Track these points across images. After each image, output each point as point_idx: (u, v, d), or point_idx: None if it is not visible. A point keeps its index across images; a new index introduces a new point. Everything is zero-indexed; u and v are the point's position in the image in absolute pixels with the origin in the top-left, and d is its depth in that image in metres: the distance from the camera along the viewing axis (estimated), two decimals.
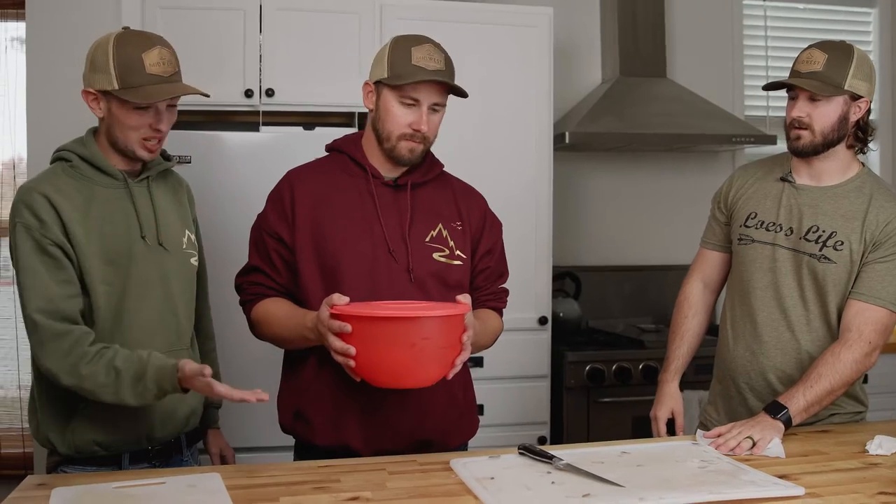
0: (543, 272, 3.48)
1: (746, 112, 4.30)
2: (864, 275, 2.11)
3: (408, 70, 1.93)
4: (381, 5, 3.30)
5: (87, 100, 1.91)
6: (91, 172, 1.92)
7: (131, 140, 1.91)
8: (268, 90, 3.18)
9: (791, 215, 2.19)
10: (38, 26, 3.49)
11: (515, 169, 3.42)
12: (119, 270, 1.90)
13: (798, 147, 2.15)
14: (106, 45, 1.86)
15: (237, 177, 3.06)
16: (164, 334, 1.98)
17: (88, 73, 1.90)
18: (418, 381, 1.81)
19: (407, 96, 1.95)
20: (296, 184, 2.06)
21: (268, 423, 3.08)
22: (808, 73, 2.09)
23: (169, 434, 2.01)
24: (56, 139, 2.07)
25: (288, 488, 1.67)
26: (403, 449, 1.97)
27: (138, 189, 1.97)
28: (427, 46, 1.97)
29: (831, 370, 2.04)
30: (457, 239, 2.07)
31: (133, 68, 1.84)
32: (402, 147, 1.99)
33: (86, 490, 1.65)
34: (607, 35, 4.08)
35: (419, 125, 1.97)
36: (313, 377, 2.00)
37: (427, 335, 1.75)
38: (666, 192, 4.23)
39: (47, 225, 1.82)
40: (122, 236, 1.91)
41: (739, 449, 1.91)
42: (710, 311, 2.43)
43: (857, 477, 1.76)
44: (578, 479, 1.70)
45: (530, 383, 3.42)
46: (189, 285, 2.07)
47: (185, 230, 2.06)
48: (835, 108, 2.10)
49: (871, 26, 4.54)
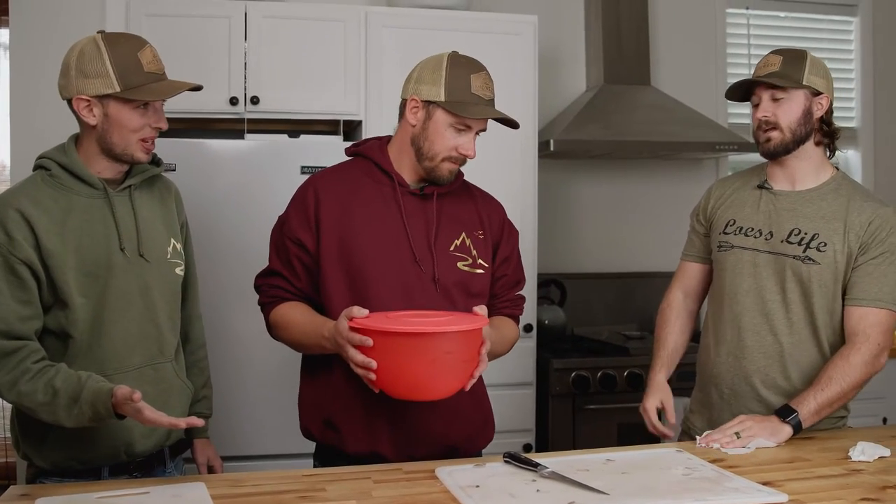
0: (529, 279, 3.46)
1: (730, 119, 4.33)
2: (858, 279, 2.14)
3: (468, 98, 1.96)
4: (366, 13, 3.30)
5: (78, 108, 1.85)
6: (70, 182, 1.88)
7: (131, 143, 1.87)
8: (253, 98, 3.18)
9: (770, 220, 2.22)
10: (22, 32, 3.47)
11: (500, 176, 3.42)
12: (97, 282, 1.87)
13: (770, 149, 2.20)
14: (94, 49, 1.82)
15: (222, 184, 3.05)
16: (145, 347, 1.94)
17: (77, 80, 1.83)
18: (437, 393, 1.83)
19: (462, 123, 1.98)
20: (321, 190, 2.04)
21: (256, 431, 3.07)
22: (767, 74, 2.17)
23: (150, 448, 1.98)
24: (40, 145, 2.05)
25: (274, 497, 1.66)
26: (432, 455, 1.98)
27: (119, 199, 1.92)
28: (484, 75, 2.01)
29: (841, 374, 2.07)
30: (479, 248, 2.09)
31: (132, 68, 1.82)
32: (444, 168, 2.02)
33: (68, 500, 1.65)
34: (592, 43, 4.09)
35: (468, 151, 2.01)
36: (343, 385, 1.98)
37: (448, 349, 1.77)
38: (650, 200, 4.24)
39: (17, 243, 1.79)
40: (101, 248, 1.88)
41: (720, 441, 2.02)
42: (693, 317, 2.44)
43: (841, 483, 1.77)
44: (563, 487, 1.70)
45: (516, 391, 3.42)
46: (173, 297, 2.03)
47: (171, 239, 2.02)
48: (797, 102, 2.16)
49: (853, 34, 4.57)
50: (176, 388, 2.02)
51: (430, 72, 1.99)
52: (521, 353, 3.43)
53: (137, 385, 1.88)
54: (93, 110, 1.85)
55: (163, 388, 1.97)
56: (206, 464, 2.24)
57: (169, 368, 2.00)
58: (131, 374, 1.90)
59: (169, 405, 1.93)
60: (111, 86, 1.81)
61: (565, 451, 2.11)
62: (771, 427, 2.03)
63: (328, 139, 3.31)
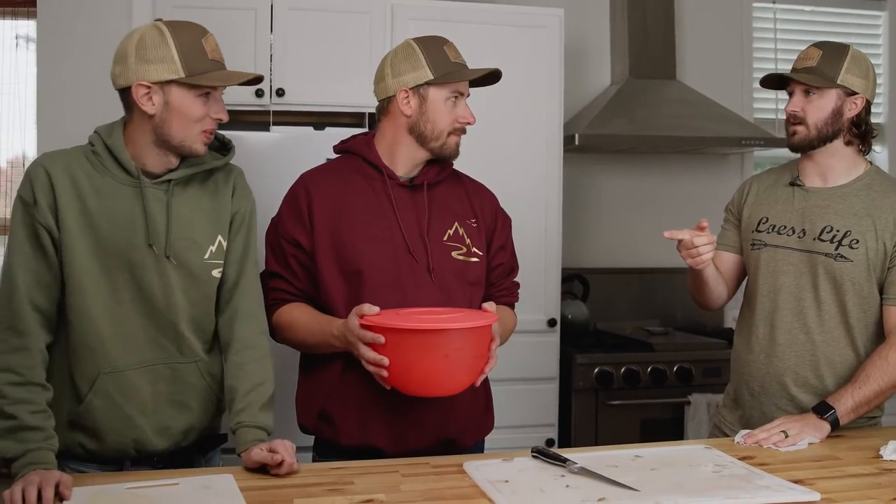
0: (552, 274, 3.47)
1: (756, 115, 4.29)
2: (895, 279, 2.12)
3: (452, 67, 2.03)
4: (392, 6, 3.29)
5: (136, 95, 1.77)
6: (109, 162, 1.81)
7: (192, 133, 1.81)
8: (278, 90, 3.18)
9: (803, 218, 2.20)
10: (49, 24, 3.48)
11: (525, 170, 3.41)
12: (110, 273, 1.80)
13: (794, 142, 2.19)
14: (158, 35, 1.76)
15: (247, 176, 3.03)
16: (160, 346, 1.86)
17: (137, 66, 1.76)
18: (448, 389, 1.85)
19: (455, 91, 2.04)
20: (312, 188, 2.06)
21: (281, 424, 3.07)
22: (803, 68, 2.15)
23: (166, 447, 1.91)
24: (66, 137, 2.04)
25: (302, 490, 1.67)
26: (428, 448, 1.99)
27: (153, 192, 1.83)
28: (451, 44, 2.07)
29: (879, 372, 2.06)
30: (472, 236, 2.10)
31: (197, 54, 1.78)
32: (452, 141, 2.07)
33: (97, 490, 1.65)
34: (617, 37, 4.07)
35: (468, 117, 2.07)
36: (339, 379, 2.00)
37: (460, 346, 1.79)
38: (675, 195, 4.21)
39: (40, 207, 1.76)
40: (121, 239, 1.80)
41: (768, 441, 1.98)
42: (726, 290, 2.35)
43: (872, 482, 1.75)
44: (593, 483, 1.69)
45: (539, 385, 3.41)
46: (204, 299, 1.91)
47: (218, 235, 1.91)
48: (828, 101, 2.14)
49: (881, 28, 4.53)
50: (198, 389, 1.93)
51: (405, 61, 2.04)
52: (545, 348, 3.43)
53: (152, 382, 1.87)
54: (152, 98, 1.77)
55: (179, 388, 1.90)
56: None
57: (192, 369, 1.91)
58: (141, 372, 1.85)
59: (186, 405, 1.92)
60: (176, 71, 1.76)
61: (592, 447, 2.11)
62: (812, 423, 2.02)
63: (353, 131, 3.30)
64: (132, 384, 1.85)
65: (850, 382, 2.07)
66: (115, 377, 1.83)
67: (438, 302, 1.99)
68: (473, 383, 1.88)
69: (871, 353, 2.12)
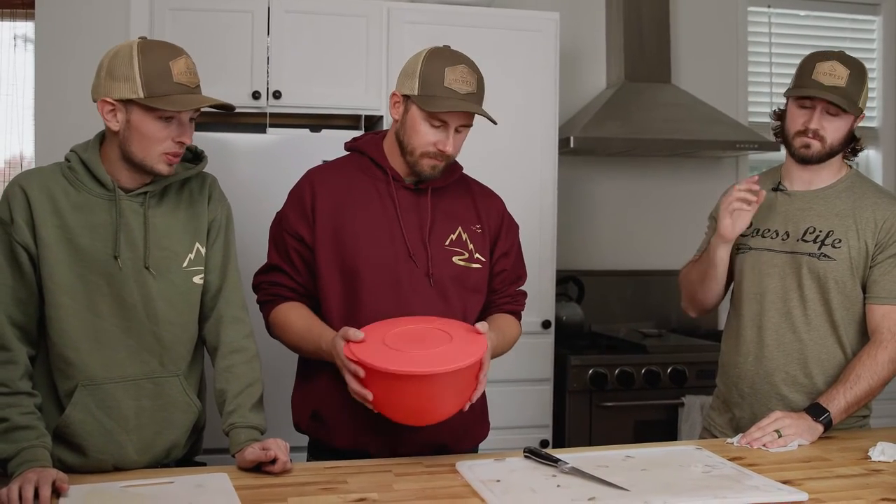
0: (547, 276, 3.48)
1: (750, 118, 4.31)
2: (878, 277, 2.15)
3: (439, 92, 1.91)
4: (388, 9, 3.31)
5: (102, 111, 1.78)
6: (85, 178, 1.82)
7: (152, 154, 1.79)
8: (275, 92, 3.19)
9: (786, 220, 2.24)
10: (47, 25, 3.50)
11: (520, 173, 3.43)
12: (88, 287, 1.80)
13: (807, 155, 2.19)
14: (128, 53, 1.76)
15: (244, 178, 3.07)
16: (142, 360, 1.85)
17: (105, 82, 1.77)
18: (435, 419, 1.83)
19: (436, 118, 1.94)
20: (317, 184, 2.05)
21: (277, 424, 3.07)
22: (832, 86, 2.11)
23: (149, 464, 1.88)
24: (64, 138, 2.05)
25: (295, 489, 1.68)
26: (419, 453, 1.97)
27: (130, 205, 1.84)
28: (461, 68, 1.94)
29: (869, 371, 2.09)
30: (476, 242, 2.08)
31: (160, 76, 1.75)
32: (425, 163, 1.98)
33: (92, 489, 1.67)
34: (613, 40, 4.09)
35: (445, 146, 1.96)
36: (332, 384, 1.97)
37: (447, 384, 1.76)
38: (670, 198, 4.23)
39: (17, 225, 1.77)
40: (100, 252, 1.80)
41: (759, 442, 2.01)
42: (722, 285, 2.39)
43: (860, 483, 1.77)
44: (583, 483, 1.71)
45: (533, 386, 3.43)
46: (187, 307, 1.91)
47: (196, 243, 1.91)
48: (846, 123, 2.17)
49: (875, 34, 4.55)
50: (180, 405, 1.91)
51: (410, 65, 1.98)
52: (539, 350, 3.44)
53: (135, 398, 1.85)
54: (116, 115, 1.78)
55: (162, 404, 1.88)
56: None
57: (174, 384, 1.89)
58: (123, 386, 1.84)
59: (171, 421, 1.90)
60: (135, 91, 1.74)
61: (584, 448, 2.12)
62: (806, 425, 2.05)
63: (349, 134, 3.32)
64: (112, 397, 1.83)
65: (841, 382, 2.10)
66: (94, 390, 1.82)
67: (436, 307, 1.98)
68: (462, 409, 1.84)
69: (859, 351, 2.15)
